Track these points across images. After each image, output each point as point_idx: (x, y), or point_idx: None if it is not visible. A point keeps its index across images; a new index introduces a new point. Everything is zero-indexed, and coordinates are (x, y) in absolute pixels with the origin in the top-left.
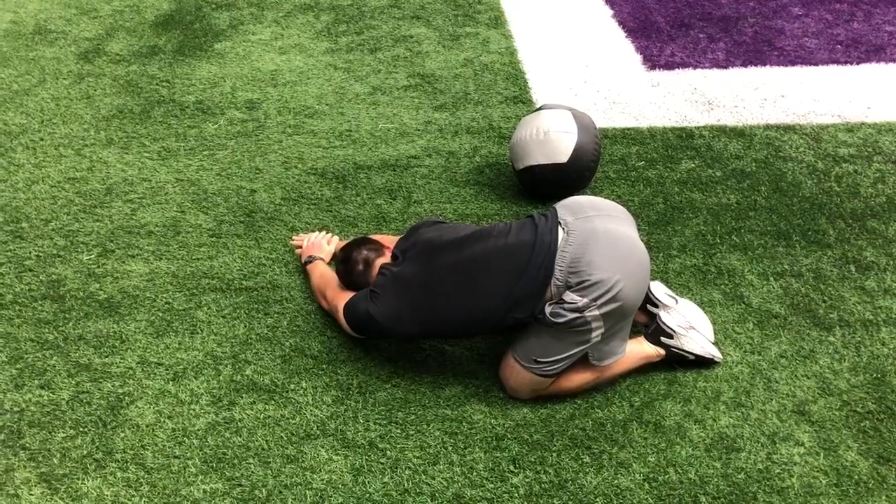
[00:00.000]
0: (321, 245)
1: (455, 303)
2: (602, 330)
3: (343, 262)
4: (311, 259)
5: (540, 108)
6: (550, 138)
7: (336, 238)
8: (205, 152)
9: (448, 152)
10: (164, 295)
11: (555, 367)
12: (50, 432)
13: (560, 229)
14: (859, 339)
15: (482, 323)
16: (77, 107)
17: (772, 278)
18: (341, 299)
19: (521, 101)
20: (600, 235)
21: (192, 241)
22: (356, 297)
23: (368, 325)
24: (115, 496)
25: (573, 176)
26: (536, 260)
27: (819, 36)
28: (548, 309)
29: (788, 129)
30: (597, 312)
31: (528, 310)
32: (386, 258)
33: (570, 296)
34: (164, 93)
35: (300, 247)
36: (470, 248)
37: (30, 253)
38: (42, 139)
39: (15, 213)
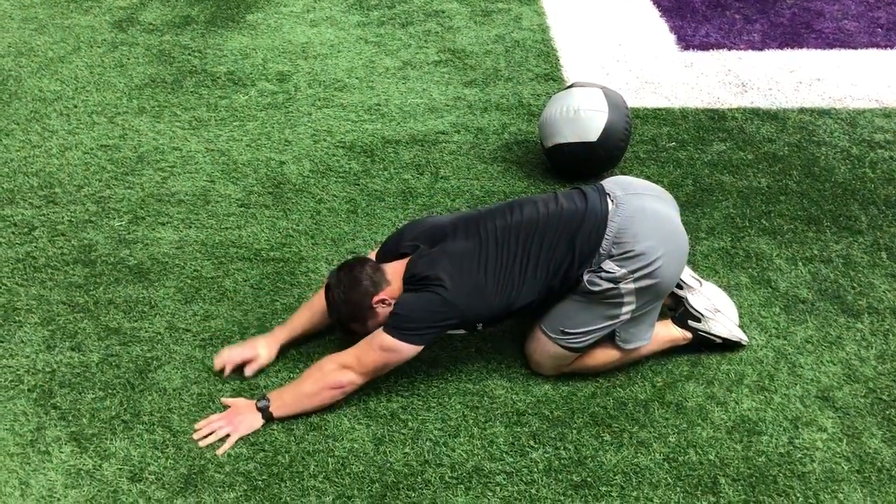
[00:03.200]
0: (235, 415)
1: (524, 264)
2: (633, 307)
3: (348, 289)
4: (261, 407)
5: (571, 86)
6: (581, 116)
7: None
8: (235, 123)
9: (477, 129)
10: (193, 263)
11: (581, 339)
12: (80, 393)
13: (609, 201)
14: (888, 326)
15: (540, 288)
16: (110, 75)
17: (800, 263)
18: (365, 348)
19: (552, 79)
20: (648, 212)
21: (221, 211)
22: (401, 309)
23: (442, 315)
24: (142, 457)
25: (602, 155)
26: (587, 226)
27: (859, 19)
28: (586, 276)
29: (823, 113)
30: (632, 286)
31: (574, 275)
32: (387, 263)
33: (609, 265)
34: (196, 63)
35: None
36: (519, 213)
37: (62, 218)
38: (76, 106)
39: (48, 179)
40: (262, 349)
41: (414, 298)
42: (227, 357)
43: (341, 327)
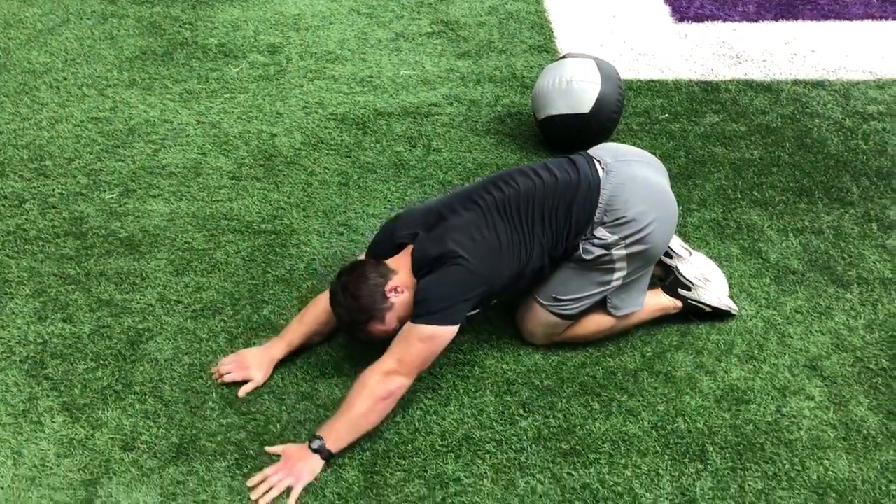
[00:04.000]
0: (293, 463)
1: (530, 228)
2: (624, 272)
3: (353, 297)
4: (318, 448)
5: (563, 57)
6: (573, 88)
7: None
8: (226, 95)
9: (469, 101)
10: (184, 235)
11: (573, 306)
12: (72, 364)
13: (599, 168)
14: (877, 296)
15: (546, 254)
16: (101, 47)
17: (791, 234)
18: (403, 346)
19: (546, 51)
20: (638, 179)
21: (212, 183)
22: (426, 294)
23: (470, 285)
24: (134, 426)
25: (595, 127)
26: (581, 195)
27: None
28: (580, 244)
29: (817, 84)
30: (623, 252)
31: (573, 243)
32: (393, 259)
33: (601, 231)
34: (187, 35)
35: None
36: (514, 183)
37: (53, 190)
38: (66, 79)
39: (39, 151)
40: (255, 372)
41: (436, 279)
42: (223, 370)
43: (357, 333)
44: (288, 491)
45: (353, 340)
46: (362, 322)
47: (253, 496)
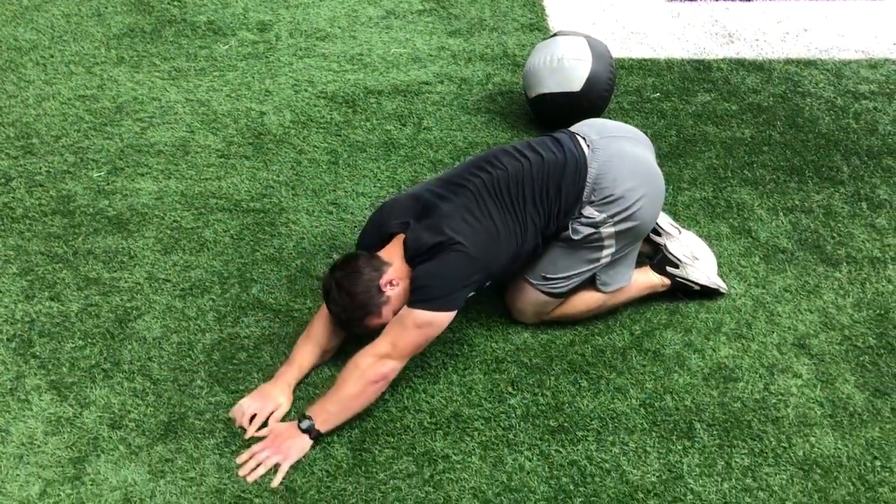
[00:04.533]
0: (280, 441)
1: (522, 208)
2: (613, 249)
3: (349, 295)
4: (307, 428)
5: (555, 35)
6: (564, 66)
7: (267, 390)
8: (215, 73)
9: (460, 79)
10: (173, 213)
11: (563, 284)
12: (59, 342)
13: (585, 146)
14: (865, 275)
15: (539, 235)
16: (88, 24)
17: (781, 213)
18: (398, 331)
19: (538, 29)
20: (625, 155)
21: (200, 162)
22: (423, 281)
23: (468, 272)
24: (122, 405)
25: (586, 105)
26: (569, 174)
27: None
28: (570, 223)
29: (809, 63)
30: (612, 230)
31: (563, 222)
32: (389, 251)
33: (589, 210)
34: (176, 12)
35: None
36: (501, 165)
37: (40, 168)
38: (52, 56)
39: (25, 129)
40: (280, 398)
41: (433, 265)
42: (249, 411)
43: (354, 328)
44: (276, 468)
45: (350, 335)
46: (359, 318)
47: (241, 473)
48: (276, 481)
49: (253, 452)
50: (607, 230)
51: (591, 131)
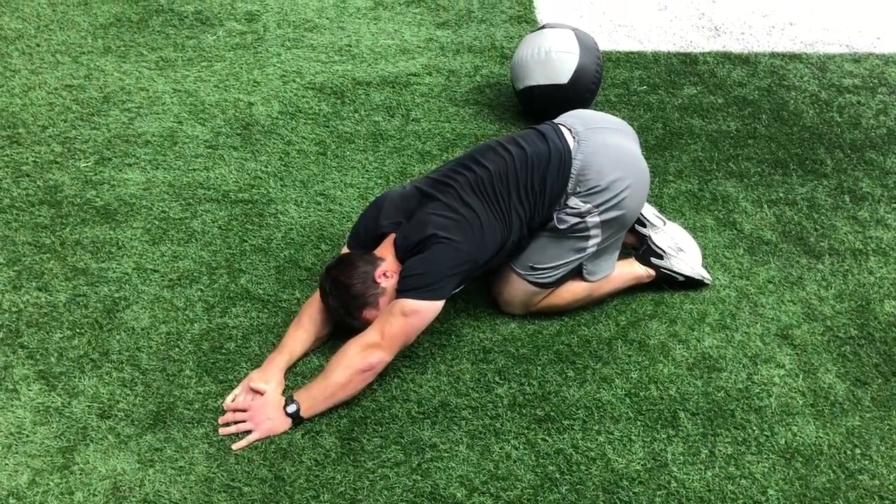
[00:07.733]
0: (262, 412)
1: (507, 202)
2: (599, 239)
3: (343, 296)
4: (292, 413)
5: (543, 27)
6: (552, 58)
7: (257, 375)
8: (203, 63)
9: (449, 71)
10: (161, 204)
11: (550, 274)
12: (47, 332)
13: (570, 137)
14: (847, 267)
15: (523, 226)
16: (74, 13)
17: (766, 206)
18: (386, 320)
19: (526, 21)
20: (610, 146)
21: (188, 152)
22: (411, 270)
23: (454, 261)
24: (111, 395)
25: (573, 97)
26: (553, 166)
27: None
28: (555, 214)
29: (794, 57)
30: (597, 219)
31: (547, 213)
32: (383, 248)
33: (574, 201)
34: (163, 2)
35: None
36: (485, 162)
37: (27, 159)
38: (38, 45)
39: (12, 119)
40: (272, 382)
41: (421, 257)
42: (236, 400)
43: (352, 322)
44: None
45: (348, 331)
46: (356, 309)
47: (220, 419)
48: (236, 445)
49: (236, 406)
50: (593, 219)
51: (576, 122)
